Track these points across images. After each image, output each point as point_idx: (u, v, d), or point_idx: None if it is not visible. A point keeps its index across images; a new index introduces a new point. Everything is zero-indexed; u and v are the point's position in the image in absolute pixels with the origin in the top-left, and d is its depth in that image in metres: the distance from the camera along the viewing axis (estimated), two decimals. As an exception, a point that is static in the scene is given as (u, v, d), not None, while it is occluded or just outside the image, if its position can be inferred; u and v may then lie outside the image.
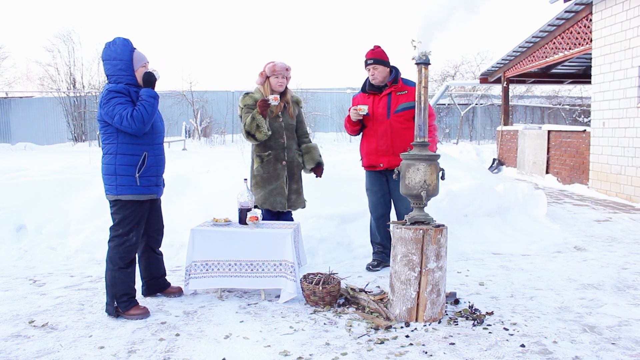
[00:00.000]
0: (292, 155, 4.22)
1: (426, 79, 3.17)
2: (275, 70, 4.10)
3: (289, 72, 4.17)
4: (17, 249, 4.83)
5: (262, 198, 4.13)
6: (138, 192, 3.24)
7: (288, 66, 4.17)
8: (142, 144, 3.26)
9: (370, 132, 4.27)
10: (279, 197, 4.14)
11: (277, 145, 4.14)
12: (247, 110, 4.11)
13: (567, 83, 15.87)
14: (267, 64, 4.15)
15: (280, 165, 4.15)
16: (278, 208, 4.14)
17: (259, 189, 4.15)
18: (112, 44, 3.24)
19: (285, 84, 4.17)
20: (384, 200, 4.31)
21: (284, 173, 4.16)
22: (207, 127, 21.22)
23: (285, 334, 2.93)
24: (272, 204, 4.13)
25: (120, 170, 3.21)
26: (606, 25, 8.65)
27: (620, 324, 3.07)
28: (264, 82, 4.17)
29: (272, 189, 4.13)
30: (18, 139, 21.03)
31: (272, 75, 4.11)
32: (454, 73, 26.09)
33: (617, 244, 5.30)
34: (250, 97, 4.17)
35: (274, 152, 4.14)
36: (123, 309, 3.19)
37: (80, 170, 7.20)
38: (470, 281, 3.98)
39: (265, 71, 4.14)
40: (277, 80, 4.12)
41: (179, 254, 4.63)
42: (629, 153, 8.20)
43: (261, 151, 4.15)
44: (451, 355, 2.65)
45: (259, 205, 4.13)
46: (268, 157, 4.13)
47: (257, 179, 4.17)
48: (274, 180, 4.13)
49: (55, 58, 23.13)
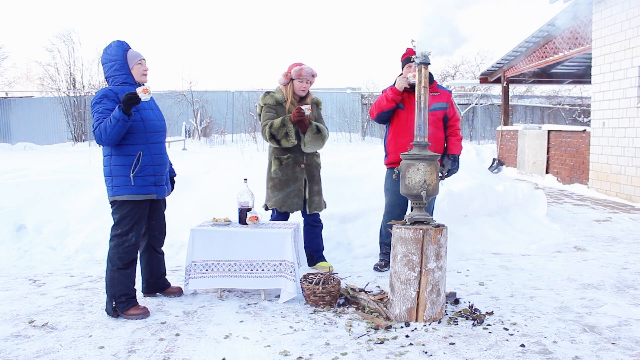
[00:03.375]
0: (310, 158, 4.20)
1: (426, 79, 3.17)
2: (301, 74, 4.05)
3: (314, 78, 4.14)
4: (17, 248, 4.83)
5: (280, 201, 4.10)
6: (133, 192, 3.23)
7: (315, 72, 4.12)
8: (137, 144, 3.25)
9: (404, 128, 4.15)
10: (296, 199, 4.12)
11: (297, 148, 4.09)
12: (267, 109, 4.07)
13: (567, 83, 15.88)
14: (294, 66, 4.09)
15: (299, 168, 4.13)
16: (294, 210, 4.12)
17: (277, 192, 4.12)
18: (109, 47, 3.30)
19: (307, 89, 4.15)
20: (403, 201, 4.21)
21: (303, 176, 4.15)
22: (207, 127, 21.21)
23: (285, 334, 2.93)
24: (289, 206, 4.11)
25: (115, 170, 3.22)
26: (606, 25, 8.65)
27: (620, 323, 3.07)
28: (287, 84, 4.12)
29: (289, 191, 4.10)
30: (18, 139, 21.01)
31: (297, 78, 4.07)
32: (454, 73, 26.09)
33: (617, 244, 5.30)
34: (271, 96, 4.13)
35: (294, 155, 4.11)
36: (121, 310, 3.19)
37: (80, 170, 7.20)
38: (470, 281, 3.98)
39: (290, 73, 4.08)
40: (301, 85, 4.09)
41: (179, 254, 4.64)
42: (629, 153, 8.20)
43: (280, 154, 4.12)
44: (451, 355, 2.65)
45: (277, 208, 4.11)
46: (287, 159, 4.11)
47: (274, 181, 4.14)
48: (292, 183, 4.11)
49: (55, 58, 23.10)
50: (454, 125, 4.29)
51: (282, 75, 4.13)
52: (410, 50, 4.10)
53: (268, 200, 4.23)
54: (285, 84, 4.13)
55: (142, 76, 3.35)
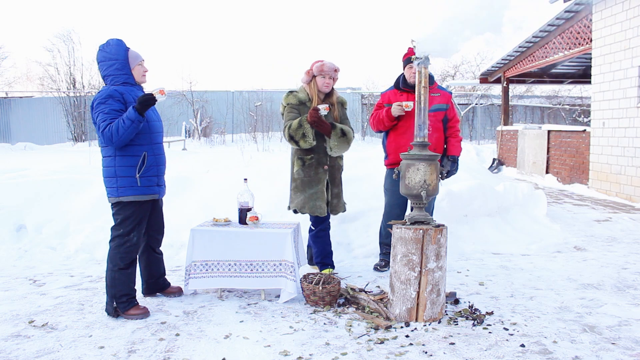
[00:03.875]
0: (334, 159, 4.08)
1: (426, 79, 3.17)
2: (323, 70, 3.92)
3: (337, 74, 4.00)
4: (17, 248, 4.83)
5: (301, 202, 4.00)
6: (139, 193, 3.23)
7: (337, 67, 3.99)
8: (142, 144, 3.25)
9: (403, 129, 4.16)
10: (319, 202, 3.99)
11: (320, 149, 3.98)
12: (289, 110, 3.98)
13: (567, 83, 15.87)
14: (315, 63, 3.98)
15: (322, 170, 4.02)
16: (317, 213, 3.99)
17: (299, 193, 4.02)
18: (106, 45, 3.25)
19: (331, 85, 4.00)
20: (402, 201, 4.23)
21: (325, 177, 4.03)
22: (207, 127, 21.21)
23: (285, 334, 2.93)
24: (311, 208, 3.99)
25: (120, 171, 3.20)
26: (606, 25, 8.65)
27: (620, 323, 3.07)
28: (310, 81, 4.01)
29: (312, 193, 3.99)
30: (18, 139, 21.01)
31: (319, 74, 3.94)
32: (454, 73, 26.10)
33: (617, 244, 5.30)
34: (294, 96, 4.03)
35: (317, 155, 3.99)
36: (122, 310, 3.19)
37: (80, 170, 7.21)
38: (470, 281, 3.98)
39: (312, 70, 3.97)
40: (324, 81, 3.95)
41: (179, 254, 4.64)
42: (629, 153, 8.20)
43: (304, 154, 4.01)
44: (451, 355, 2.65)
45: (298, 209, 4.03)
46: (310, 160, 3.99)
47: (297, 182, 4.04)
48: (314, 184, 4.00)
49: (55, 58, 23.12)
50: (454, 127, 4.29)
51: (305, 73, 4.03)
52: (412, 50, 4.10)
53: (291, 202, 4.13)
54: (307, 82, 4.02)
55: (143, 77, 3.35)
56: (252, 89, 22.31)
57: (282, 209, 5.07)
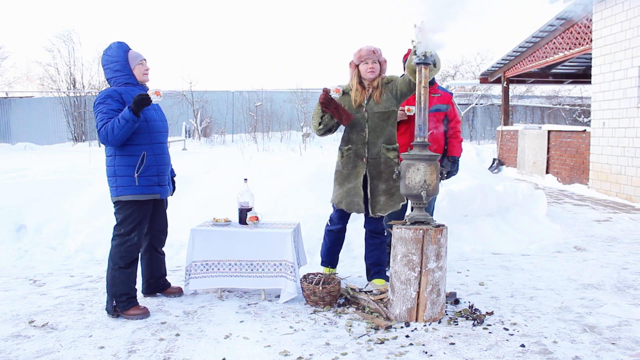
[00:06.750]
0: (376, 152, 3.69)
1: (426, 79, 3.17)
2: (361, 55, 3.67)
3: (377, 55, 3.68)
4: (17, 248, 4.83)
5: (338, 197, 3.77)
6: (137, 192, 3.24)
7: (375, 48, 3.70)
8: (141, 144, 3.26)
9: (403, 129, 4.13)
10: (356, 198, 3.69)
11: (359, 139, 3.68)
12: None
13: (567, 83, 15.88)
14: (354, 52, 3.74)
15: (360, 163, 3.69)
16: (354, 210, 3.73)
17: (337, 187, 3.80)
18: (108, 49, 3.32)
19: (376, 70, 3.68)
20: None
21: (363, 172, 3.69)
22: (207, 127, 21.22)
23: (285, 334, 2.93)
24: (347, 204, 3.73)
25: (119, 171, 3.22)
26: (606, 25, 8.65)
27: (620, 324, 3.07)
28: (354, 72, 3.76)
29: (350, 187, 3.72)
30: (18, 139, 21.01)
31: (360, 62, 3.69)
32: (454, 73, 26.10)
33: (617, 244, 5.30)
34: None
35: (354, 146, 3.70)
36: (122, 309, 3.19)
37: (80, 170, 7.20)
38: (470, 281, 3.98)
39: (353, 60, 3.75)
40: (367, 67, 3.66)
41: (179, 254, 4.64)
42: (629, 153, 8.20)
43: (343, 145, 3.77)
44: (451, 355, 2.65)
45: (335, 204, 3.81)
46: (348, 151, 3.73)
47: (336, 174, 3.82)
48: (352, 178, 3.71)
49: (55, 58, 23.12)
50: (455, 127, 4.29)
51: (349, 66, 3.82)
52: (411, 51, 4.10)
53: (332, 195, 3.88)
54: (352, 74, 3.78)
55: (144, 76, 3.37)
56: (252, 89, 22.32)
57: (282, 209, 5.07)
